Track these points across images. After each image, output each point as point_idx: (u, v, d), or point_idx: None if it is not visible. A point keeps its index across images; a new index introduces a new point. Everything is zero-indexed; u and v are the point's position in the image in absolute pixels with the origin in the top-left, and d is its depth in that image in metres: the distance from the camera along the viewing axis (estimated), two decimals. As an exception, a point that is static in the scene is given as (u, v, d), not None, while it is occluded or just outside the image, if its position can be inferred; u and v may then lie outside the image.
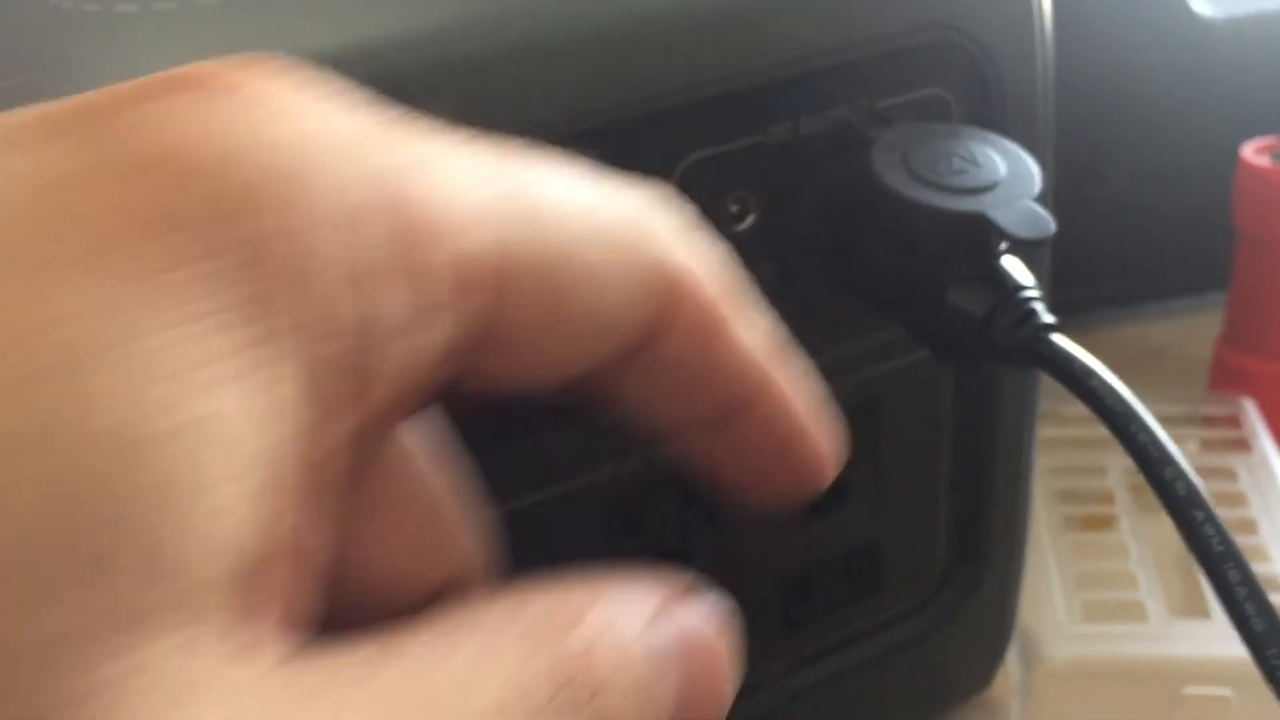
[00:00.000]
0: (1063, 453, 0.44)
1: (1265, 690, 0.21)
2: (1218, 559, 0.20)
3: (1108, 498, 0.42)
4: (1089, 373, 0.22)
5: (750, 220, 0.26)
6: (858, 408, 0.30)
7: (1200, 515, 0.20)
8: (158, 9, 0.24)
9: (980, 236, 0.24)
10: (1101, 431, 0.45)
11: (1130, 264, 0.56)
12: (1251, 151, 0.45)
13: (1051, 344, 0.23)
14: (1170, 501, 0.21)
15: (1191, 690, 0.34)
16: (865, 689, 0.33)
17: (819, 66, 0.26)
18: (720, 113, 0.25)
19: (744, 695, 0.31)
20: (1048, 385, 0.34)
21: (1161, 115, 0.53)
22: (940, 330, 0.24)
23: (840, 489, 0.30)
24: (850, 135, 0.26)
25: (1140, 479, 0.42)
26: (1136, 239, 0.55)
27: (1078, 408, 0.46)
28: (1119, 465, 0.43)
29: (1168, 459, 0.21)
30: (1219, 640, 0.35)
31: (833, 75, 0.26)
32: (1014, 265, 0.24)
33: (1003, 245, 0.24)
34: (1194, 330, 0.55)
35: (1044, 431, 0.43)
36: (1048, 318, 0.23)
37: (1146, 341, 0.55)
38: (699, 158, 0.25)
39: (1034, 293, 0.24)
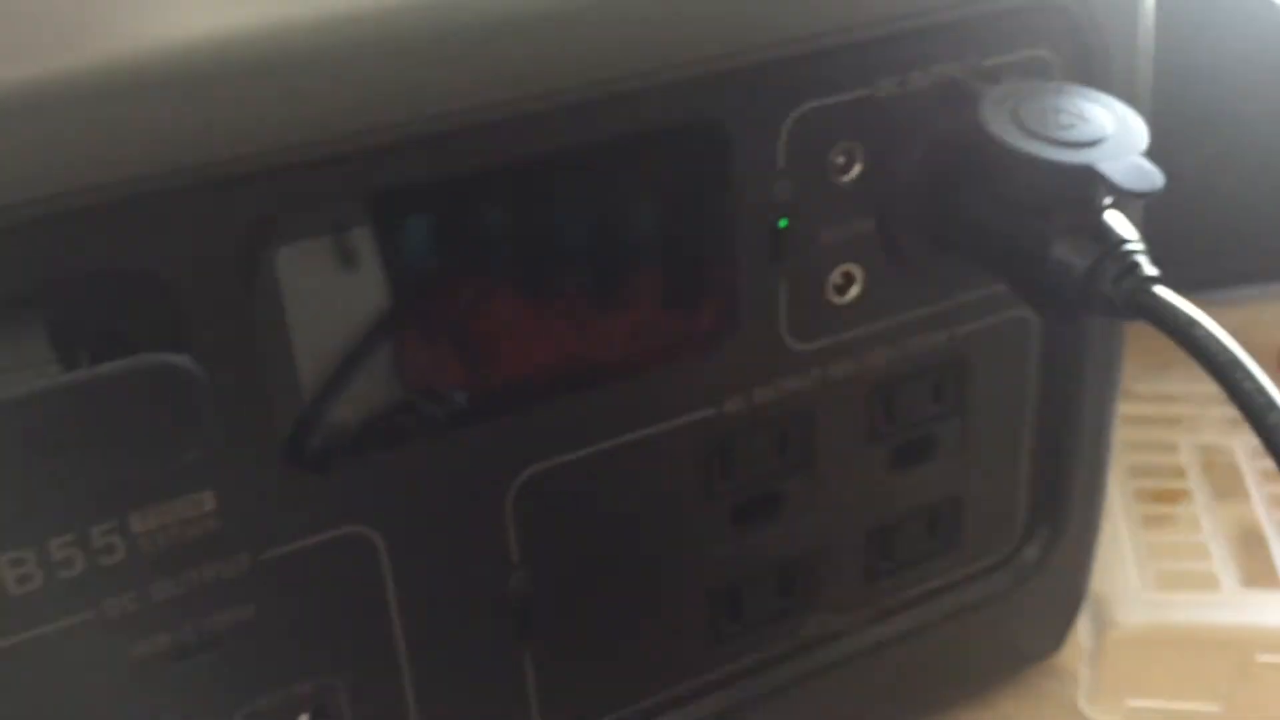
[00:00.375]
0: (1135, 429, 0.44)
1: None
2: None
3: (1180, 473, 0.42)
4: (1193, 323, 0.23)
5: (856, 172, 0.27)
6: (948, 363, 0.30)
7: (1305, 458, 0.21)
8: None
9: (1088, 189, 0.24)
10: (1174, 410, 0.45)
11: (1202, 250, 0.56)
12: (1333, 136, 0.45)
13: (1156, 295, 0.24)
14: (1275, 447, 0.21)
15: (1264, 659, 0.35)
16: (943, 645, 0.34)
17: (928, 23, 0.26)
18: (831, 65, 0.26)
19: (825, 642, 0.32)
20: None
21: (1238, 103, 0.53)
22: (1043, 282, 0.25)
23: (929, 442, 0.31)
24: (957, 91, 0.27)
25: (1213, 457, 0.43)
26: (1208, 226, 0.55)
27: (1150, 385, 0.46)
28: (1191, 443, 0.43)
29: (1272, 405, 0.21)
30: (1293, 611, 0.35)
31: (941, 33, 0.27)
32: (1118, 219, 0.25)
33: (1107, 200, 0.25)
34: (1264, 317, 0.55)
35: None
36: (1152, 270, 0.24)
37: (1218, 325, 0.55)
38: (809, 108, 0.26)
39: (1138, 246, 0.24)
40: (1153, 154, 0.25)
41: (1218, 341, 0.23)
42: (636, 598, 0.29)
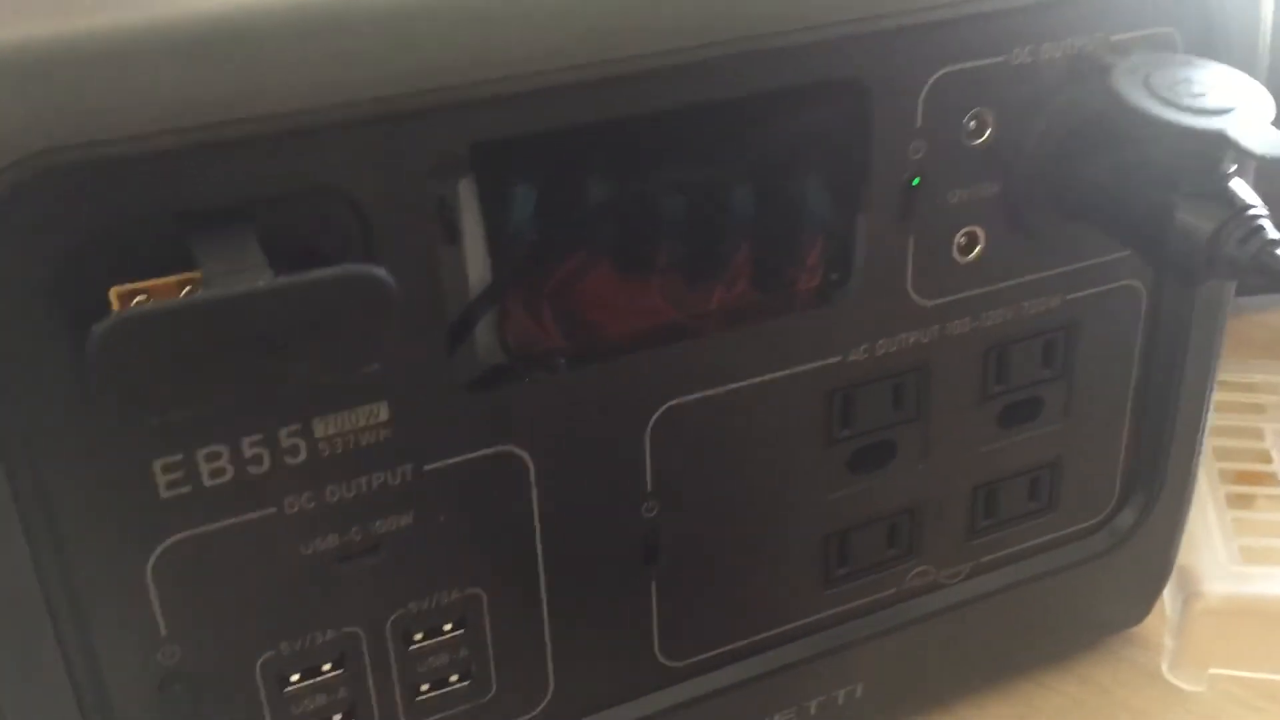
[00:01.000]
0: (1221, 415, 0.45)
1: None
2: None
3: (1265, 458, 0.43)
4: (1317, 283, 0.24)
5: (987, 136, 0.28)
6: (1059, 327, 0.32)
7: None
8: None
9: (1217, 155, 0.25)
10: (1259, 398, 0.46)
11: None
12: None
13: (1280, 257, 0.25)
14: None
15: (1348, 633, 0.36)
16: (1036, 604, 0.35)
17: (1061, -3, 0.28)
18: (969, 32, 0.27)
19: (925, 593, 0.34)
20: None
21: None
22: (1169, 245, 0.26)
23: (1035, 404, 0.32)
24: (1087, 62, 0.28)
25: (1297, 442, 0.43)
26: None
27: (1237, 375, 0.47)
28: (1276, 429, 0.44)
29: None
30: (1378, 588, 0.36)
31: (1073, 6, 0.28)
32: (1242, 186, 0.26)
33: (1232, 167, 0.26)
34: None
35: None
36: (1276, 234, 0.25)
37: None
38: (947, 72, 0.27)
39: (1263, 210, 0.25)
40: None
41: (1340, 301, 0.24)
42: (755, 535, 0.30)
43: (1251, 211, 0.25)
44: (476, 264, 0.25)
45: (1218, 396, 0.46)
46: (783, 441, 0.30)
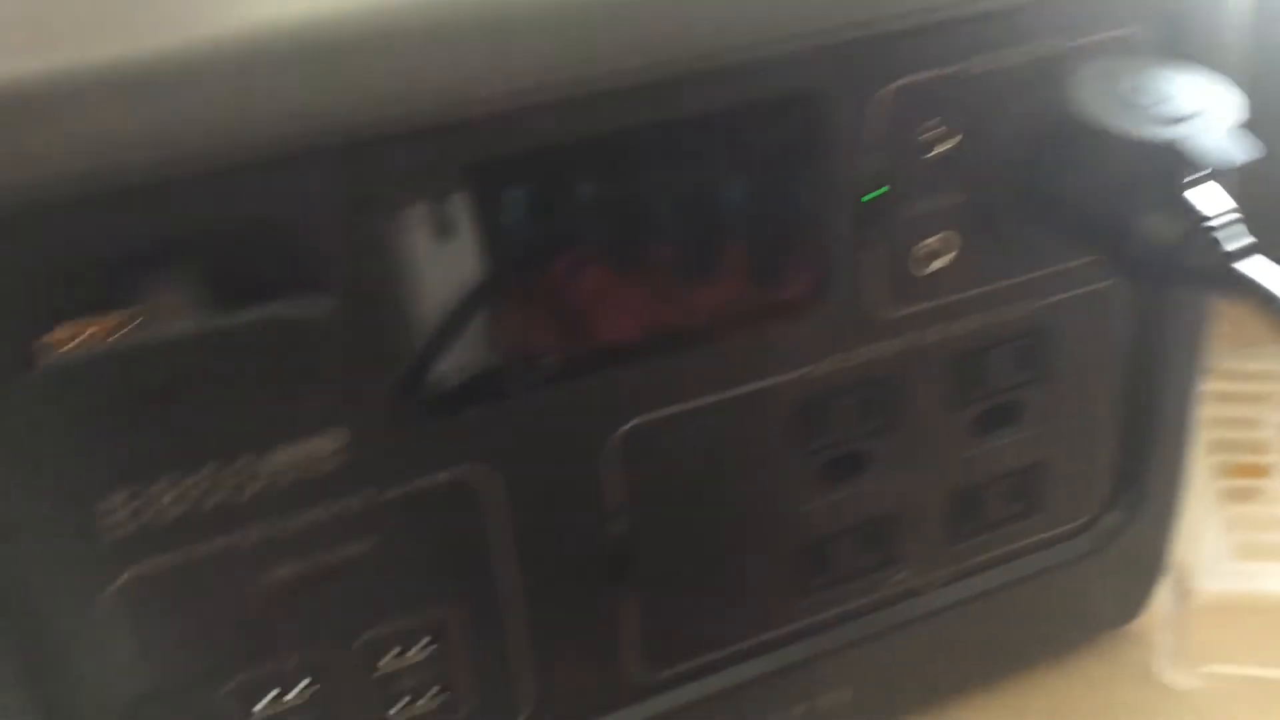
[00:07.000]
0: (1219, 406, 0.44)
1: None
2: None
3: (1263, 448, 0.42)
4: (1274, 298, 0.24)
5: (947, 146, 0.28)
6: (1034, 332, 0.31)
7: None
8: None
9: (1175, 165, 0.25)
10: (1258, 387, 0.46)
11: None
12: None
13: (1242, 268, 0.24)
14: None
15: (1345, 629, 0.35)
16: (1022, 607, 0.35)
17: (1021, 2, 0.27)
18: (925, 42, 0.27)
19: (905, 599, 0.33)
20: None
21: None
22: (1135, 255, 0.26)
23: (1013, 409, 0.32)
24: (1048, 68, 0.27)
25: (1297, 432, 0.43)
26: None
27: (1235, 363, 0.47)
28: (1275, 419, 0.44)
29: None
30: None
31: (1033, 10, 0.27)
32: (1212, 192, 0.25)
33: (1200, 173, 0.25)
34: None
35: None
36: (1243, 241, 0.25)
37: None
38: (903, 84, 0.27)
39: (1231, 217, 0.25)
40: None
41: (1301, 312, 0.23)
42: (729, 549, 0.30)
43: (1217, 220, 0.25)
44: (432, 289, 0.25)
45: (1216, 386, 0.45)
46: (753, 454, 0.29)
